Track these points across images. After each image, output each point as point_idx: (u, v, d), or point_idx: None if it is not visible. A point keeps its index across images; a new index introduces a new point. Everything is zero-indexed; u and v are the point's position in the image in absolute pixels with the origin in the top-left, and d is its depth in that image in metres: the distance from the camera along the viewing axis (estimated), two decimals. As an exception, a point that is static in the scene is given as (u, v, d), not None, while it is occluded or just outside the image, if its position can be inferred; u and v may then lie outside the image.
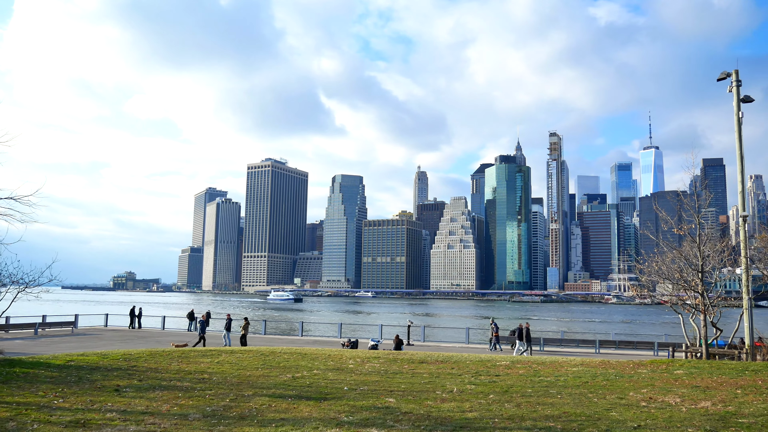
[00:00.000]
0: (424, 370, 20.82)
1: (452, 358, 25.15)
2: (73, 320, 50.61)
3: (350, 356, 25.61)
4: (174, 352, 25.44)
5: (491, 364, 22.92)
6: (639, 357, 35.84)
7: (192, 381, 17.04)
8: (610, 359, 25.39)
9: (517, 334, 36.93)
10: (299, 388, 15.68)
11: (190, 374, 18.80)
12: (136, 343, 40.41)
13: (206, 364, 21.88)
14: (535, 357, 26.50)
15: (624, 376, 18.49)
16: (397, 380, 17.77)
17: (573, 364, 22.98)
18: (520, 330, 36.77)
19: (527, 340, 36.23)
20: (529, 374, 19.53)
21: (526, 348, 36.35)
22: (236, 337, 40.16)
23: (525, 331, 36.44)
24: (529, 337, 36.41)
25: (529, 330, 36.57)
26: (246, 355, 25.34)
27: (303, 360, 23.75)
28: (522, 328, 36.43)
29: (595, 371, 20.19)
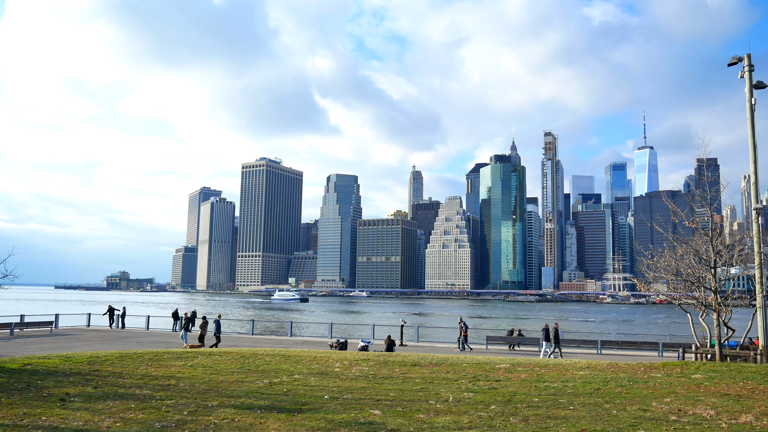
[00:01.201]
0: (416, 375, 18.95)
1: (447, 361, 23.30)
2: (52, 320, 48.44)
3: (337, 358, 23.72)
4: (146, 355, 23.47)
5: (489, 368, 21.08)
6: (644, 358, 34.10)
7: (154, 388, 15.10)
8: (617, 361, 23.60)
9: (543, 335, 33.96)
10: (273, 397, 13.76)
11: (155, 380, 16.86)
12: (115, 344, 38.35)
13: (178, 368, 19.95)
14: (537, 359, 24.68)
15: (638, 382, 16.66)
16: (385, 387, 15.88)
17: (579, 367, 21.16)
18: (547, 330, 33.86)
19: (556, 341, 33.49)
20: (533, 379, 17.68)
21: (554, 350, 33.22)
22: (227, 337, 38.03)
23: (554, 332, 33.38)
24: (558, 338, 33.74)
25: (558, 330, 33.88)
26: (224, 357, 23.42)
27: (285, 363, 21.85)
28: (548, 329, 33.63)
29: (605, 375, 18.36)
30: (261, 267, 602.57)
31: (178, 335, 48.65)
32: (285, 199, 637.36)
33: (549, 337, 33.56)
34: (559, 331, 34.08)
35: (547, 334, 33.72)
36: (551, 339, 33.38)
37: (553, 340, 33.35)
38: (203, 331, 35.91)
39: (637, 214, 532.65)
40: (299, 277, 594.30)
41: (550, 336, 33.52)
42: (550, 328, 33.96)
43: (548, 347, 33.45)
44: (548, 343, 33.51)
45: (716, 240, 24.36)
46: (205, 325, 36.36)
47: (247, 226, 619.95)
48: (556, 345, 33.35)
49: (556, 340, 33.37)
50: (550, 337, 33.48)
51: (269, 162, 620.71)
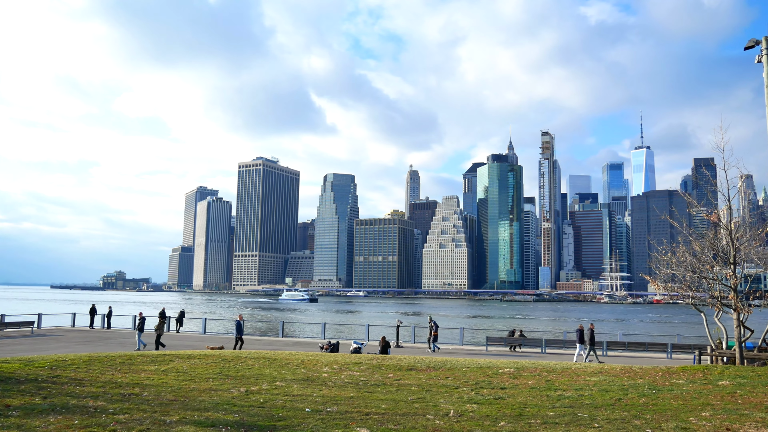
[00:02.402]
0: (412, 381, 17.09)
1: (446, 364, 21.46)
2: (33, 320, 46.44)
3: (327, 362, 21.85)
4: (118, 358, 21.54)
5: (492, 372, 19.24)
6: (654, 360, 32.34)
7: (112, 399, 13.20)
8: (629, 365, 21.79)
9: (578, 337, 31.33)
10: (246, 410, 11.88)
11: (118, 388, 14.95)
12: (95, 345, 36.42)
13: (149, 373, 18.04)
14: (542, 362, 22.84)
15: (661, 390, 14.83)
16: (377, 396, 14.01)
17: (590, 372, 19.33)
18: (581, 332, 31.25)
19: (592, 343, 30.78)
20: (542, 387, 15.83)
21: (589, 352, 30.59)
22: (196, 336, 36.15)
23: (589, 333, 30.69)
24: (593, 341, 30.76)
25: (593, 332, 30.72)
26: (203, 361, 21.53)
27: (269, 367, 19.97)
28: (582, 330, 31.13)
29: (621, 382, 16.53)
30: (258, 267, 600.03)
31: (166, 335, 46.80)
32: (282, 199, 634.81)
33: (584, 338, 30.87)
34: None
35: (581, 336, 31.02)
36: (586, 341, 30.69)
37: (589, 342, 30.66)
38: (159, 331, 33.83)
39: (634, 214, 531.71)
40: (296, 276, 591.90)
41: (585, 338, 30.80)
42: (585, 329, 31.20)
43: (583, 349, 30.78)
44: (582, 345, 30.87)
45: (735, 234, 22.57)
46: (162, 326, 34.20)
47: (243, 225, 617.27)
48: (591, 347, 30.72)
49: (591, 342, 30.69)
50: (585, 339, 30.77)
51: (266, 161, 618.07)
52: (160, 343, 33.30)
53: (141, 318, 35.59)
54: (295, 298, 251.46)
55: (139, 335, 34.72)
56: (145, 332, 36.13)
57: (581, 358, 30.16)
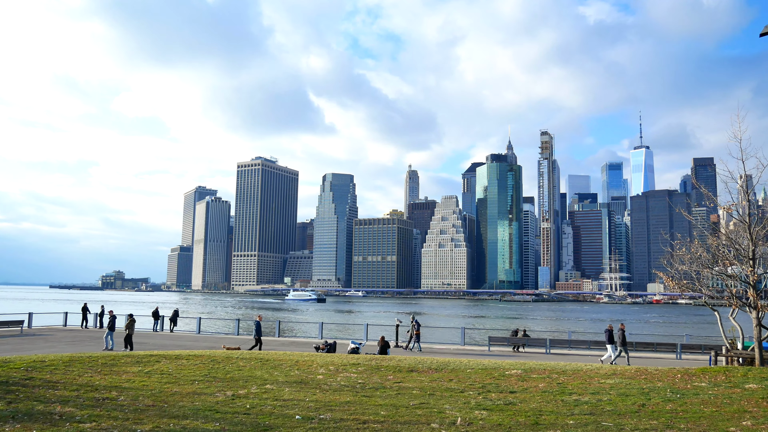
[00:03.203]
0: (413, 384, 15.86)
1: (449, 365, 20.23)
2: (23, 319, 45.14)
3: (322, 363, 20.61)
4: (101, 359, 20.29)
5: (499, 374, 18.02)
6: (664, 361, 31.13)
7: (83, 404, 11.97)
8: (644, 366, 20.57)
9: (607, 337, 29.13)
10: (229, 418, 10.65)
11: (94, 391, 13.72)
12: (84, 345, 35.15)
13: (131, 375, 16.80)
14: (551, 364, 21.61)
15: (686, 395, 13.61)
16: (376, 401, 12.78)
17: (603, 374, 18.11)
18: (610, 332, 29.08)
19: (623, 344, 28.51)
20: (554, 390, 14.60)
21: (619, 353, 28.51)
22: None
23: (620, 334, 28.65)
24: (625, 341, 28.67)
25: (624, 332, 28.73)
26: (191, 362, 20.28)
27: (261, 369, 18.73)
28: (611, 330, 29.16)
29: (640, 385, 15.31)
30: (256, 266, 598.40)
31: (159, 335, 45.60)
32: (281, 199, 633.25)
33: (613, 339, 28.97)
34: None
35: (611, 336, 29.02)
36: (617, 342, 28.79)
37: (620, 343, 28.77)
38: (130, 331, 32.45)
39: (633, 214, 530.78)
40: (295, 276, 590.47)
41: (615, 338, 28.95)
42: (614, 329, 29.37)
43: (613, 350, 28.78)
44: (613, 346, 28.91)
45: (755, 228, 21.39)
46: (132, 325, 32.80)
47: (242, 225, 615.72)
48: (623, 348, 28.80)
49: (623, 343, 28.80)
50: (615, 340, 28.93)
51: (265, 161, 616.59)
52: (130, 342, 31.97)
53: (111, 317, 34.14)
54: (302, 299, 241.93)
55: (110, 334, 33.37)
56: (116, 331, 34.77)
57: (611, 360, 28.38)
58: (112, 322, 33.47)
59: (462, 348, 38.29)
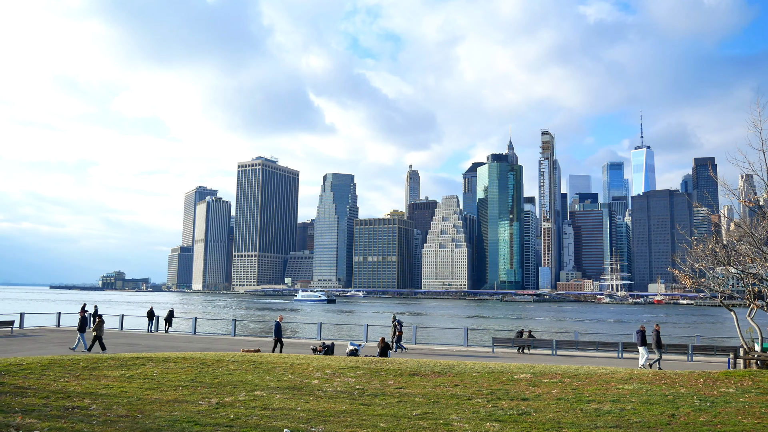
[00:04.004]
0: (415, 389, 14.65)
1: (453, 369, 19.02)
2: (12, 320, 43.90)
3: (319, 366, 19.39)
4: (83, 361, 19.08)
5: (507, 379, 16.80)
6: (676, 364, 29.87)
7: (49, 413, 10.76)
8: (664, 371, 19.34)
9: (639, 339, 27.45)
10: (209, 430, 9.41)
11: (65, 398, 12.52)
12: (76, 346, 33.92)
13: (112, 379, 15.59)
14: (561, 367, 20.36)
15: (716, 402, 12.39)
16: (375, 410, 11.57)
17: (619, 378, 16.88)
18: (643, 333, 27.48)
19: (658, 346, 26.78)
20: (570, 397, 13.38)
21: (659, 357, 26.73)
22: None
23: (655, 335, 26.95)
24: (660, 343, 26.83)
25: (659, 333, 27.55)
26: (179, 365, 19.06)
27: (252, 372, 17.52)
28: (644, 331, 27.71)
29: (661, 391, 14.09)
30: (257, 267, 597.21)
31: (153, 335, 44.40)
32: (281, 199, 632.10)
33: (646, 340, 27.54)
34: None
35: (643, 338, 27.53)
36: (652, 343, 27.27)
37: (655, 345, 27.15)
38: (98, 333, 31.09)
39: (634, 214, 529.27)
40: (295, 277, 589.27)
41: (649, 339, 27.50)
42: (648, 330, 27.91)
43: (646, 351, 27.36)
44: (645, 348, 27.48)
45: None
46: (101, 326, 31.42)
47: (243, 225, 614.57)
48: (658, 350, 27.13)
49: (658, 345, 27.14)
50: (649, 341, 27.48)
51: (265, 161, 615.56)
52: (101, 344, 30.66)
53: (82, 317, 32.74)
54: (312, 299, 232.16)
55: (81, 336, 32.01)
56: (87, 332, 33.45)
57: (648, 363, 26.84)
58: (82, 323, 32.04)
59: (465, 349, 37.07)
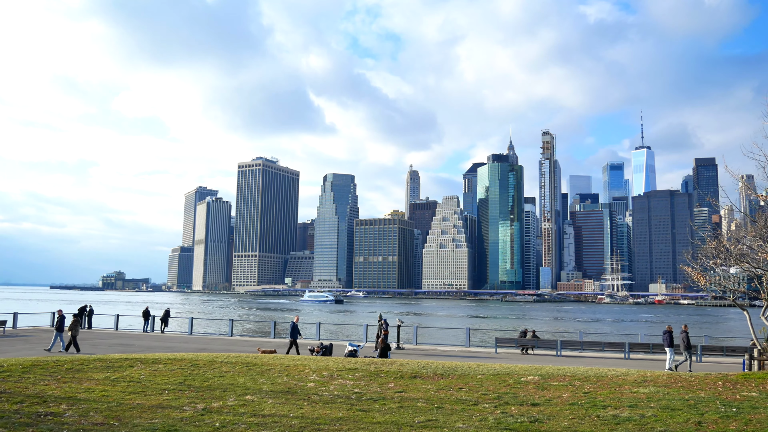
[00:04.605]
0: (417, 393, 13.75)
1: (456, 370, 18.12)
2: (5, 320, 43.00)
3: (315, 368, 18.50)
4: (67, 364, 18.19)
5: (514, 381, 15.90)
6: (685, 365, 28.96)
7: (17, 421, 9.87)
8: (679, 373, 18.43)
9: (666, 340, 26.48)
10: (189, 442, 8.52)
11: (40, 404, 11.62)
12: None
13: (94, 382, 14.70)
14: (569, 368, 19.44)
15: (742, 408, 11.49)
16: (373, 416, 10.67)
17: (632, 380, 15.98)
18: (670, 334, 26.43)
19: (687, 348, 26.22)
20: (583, 402, 12.48)
21: (686, 359, 25.70)
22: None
23: (684, 336, 25.89)
24: (689, 344, 26.30)
25: (688, 335, 26.31)
26: (169, 367, 18.16)
27: (245, 375, 16.62)
28: (671, 332, 26.69)
29: (680, 395, 13.18)
30: (257, 267, 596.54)
31: (148, 336, 43.51)
32: (281, 199, 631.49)
33: (673, 342, 26.52)
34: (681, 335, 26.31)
35: (670, 339, 26.52)
36: (681, 345, 26.22)
37: (684, 347, 26.05)
38: (73, 332, 30.10)
39: (635, 214, 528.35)
40: (296, 277, 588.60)
41: (677, 340, 26.50)
42: (675, 331, 26.91)
43: (674, 354, 26.39)
44: (672, 349, 26.46)
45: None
46: (77, 325, 30.42)
47: (243, 225, 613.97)
48: (686, 352, 26.00)
49: (687, 347, 25.99)
50: (676, 343, 26.48)
51: (265, 161, 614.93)
52: (76, 345, 29.70)
53: (60, 316, 31.73)
54: (319, 299, 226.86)
55: (59, 335, 31.04)
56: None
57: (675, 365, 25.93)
58: (59, 323, 31.05)
59: (467, 350, 36.16)
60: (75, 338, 29.55)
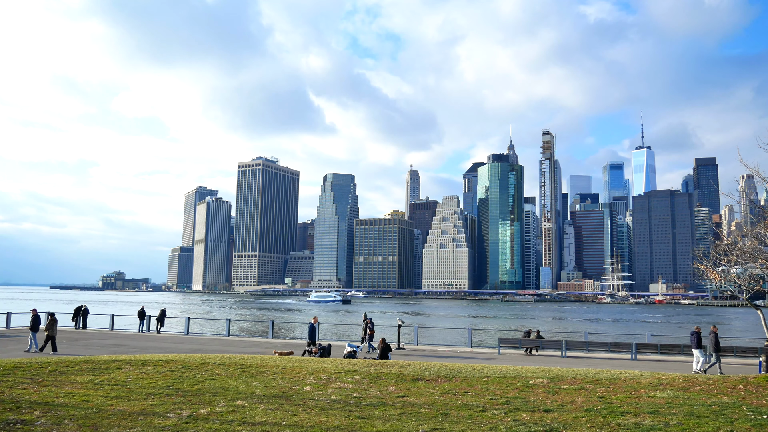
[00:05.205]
0: (420, 398, 12.88)
1: (460, 373, 17.25)
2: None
3: (313, 370, 17.63)
4: (51, 365, 17.32)
5: (522, 385, 15.03)
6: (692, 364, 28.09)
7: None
8: (687, 374, 17.55)
9: (694, 341, 25.73)
10: (168, 455, 7.64)
11: (14, 410, 10.75)
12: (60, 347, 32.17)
13: (77, 386, 13.83)
14: (578, 370, 18.57)
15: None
16: (373, 424, 9.80)
17: (647, 383, 15.10)
18: (697, 335, 25.64)
19: (716, 349, 25.27)
20: (599, 407, 11.60)
21: (710, 360, 25.43)
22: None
23: (713, 338, 24.99)
24: (718, 346, 25.31)
25: (717, 336, 25.44)
26: (158, 369, 17.29)
27: (238, 377, 15.74)
28: (699, 332, 25.92)
29: (701, 400, 12.31)
30: (257, 267, 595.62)
31: (143, 336, 42.64)
32: (281, 199, 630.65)
33: (701, 343, 25.69)
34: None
35: (698, 340, 25.71)
36: (708, 346, 25.30)
37: (712, 348, 25.15)
38: (50, 332, 29.15)
39: (635, 214, 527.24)
40: (296, 277, 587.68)
41: (705, 342, 25.60)
42: (703, 332, 26.02)
43: (701, 355, 25.50)
44: (701, 350, 25.60)
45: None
46: (53, 325, 29.46)
47: (243, 225, 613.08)
48: (716, 354, 25.10)
49: (716, 348, 25.10)
50: (704, 344, 25.60)
51: (265, 161, 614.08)
52: (53, 345, 28.77)
53: (34, 316, 30.75)
54: (326, 299, 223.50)
55: (34, 335, 30.10)
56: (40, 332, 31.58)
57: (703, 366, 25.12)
58: (34, 323, 30.05)
59: (469, 350, 35.27)
60: (53, 338, 28.56)
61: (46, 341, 28.87)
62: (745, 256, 20.20)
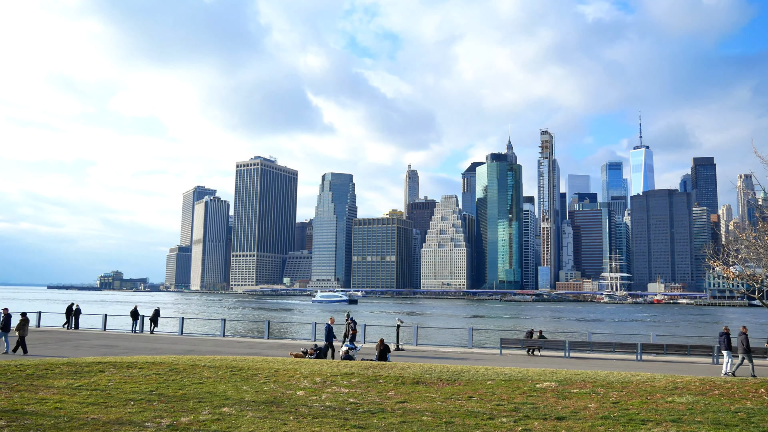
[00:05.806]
0: (421, 404, 11.96)
1: (463, 375, 16.33)
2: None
3: (307, 373, 16.70)
4: (29, 368, 16.38)
5: (529, 388, 14.13)
6: (700, 366, 27.23)
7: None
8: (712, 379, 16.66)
9: (724, 342, 24.91)
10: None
11: (-23, 419, 9.80)
12: (46, 348, 31.18)
13: (52, 391, 12.89)
14: (587, 372, 17.67)
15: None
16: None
17: (662, 387, 14.21)
18: (727, 335, 24.85)
19: (747, 351, 24.11)
20: (615, 414, 10.70)
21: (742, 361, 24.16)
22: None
23: (743, 339, 23.95)
24: (749, 347, 24.21)
25: (747, 336, 24.37)
26: (144, 372, 16.35)
27: (227, 381, 14.81)
28: (728, 333, 25.09)
29: (723, 406, 11.42)
30: (255, 266, 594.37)
31: (136, 336, 41.67)
32: (280, 199, 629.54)
33: (730, 344, 24.89)
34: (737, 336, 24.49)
35: (728, 341, 24.89)
36: (739, 347, 24.30)
37: (742, 350, 24.08)
38: (22, 333, 28.10)
39: (633, 214, 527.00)
40: (294, 276, 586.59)
41: (735, 343, 24.76)
42: (732, 333, 25.19)
43: (732, 357, 24.59)
44: (729, 352, 24.73)
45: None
46: (25, 325, 28.41)
47: (241, 225, 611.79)
48: (747, 355, 24.04)
49: (746, 350, 24.05)
50: (734, 345, 24.79)
51: (264, 161, 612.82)
52: (23, 346, 27.75)
53: (6, 315, 29.69)
54: (331, 299, 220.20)
55: (5, 336, 29.05)
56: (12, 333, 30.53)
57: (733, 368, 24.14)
58: (5, 323, 29.00)
59: (470, 351, 34.37)
60: (23, 339, 27.49)
61: (20, 343, 27.79)
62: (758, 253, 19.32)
